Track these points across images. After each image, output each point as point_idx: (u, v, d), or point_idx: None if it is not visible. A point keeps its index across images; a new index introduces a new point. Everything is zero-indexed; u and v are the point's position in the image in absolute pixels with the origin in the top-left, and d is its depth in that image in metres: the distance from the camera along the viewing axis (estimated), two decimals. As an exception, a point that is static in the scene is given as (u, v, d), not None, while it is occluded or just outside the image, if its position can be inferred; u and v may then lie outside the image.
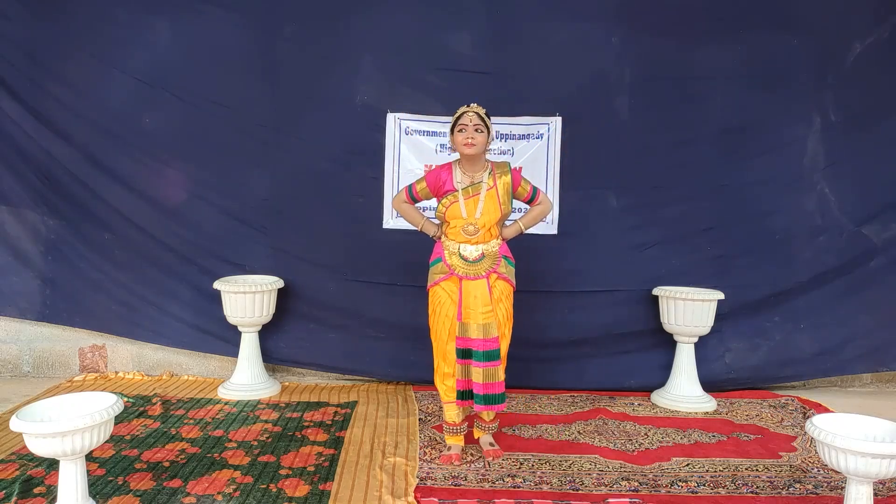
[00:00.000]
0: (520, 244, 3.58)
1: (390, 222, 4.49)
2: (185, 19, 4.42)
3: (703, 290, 4.29)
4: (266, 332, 4.49)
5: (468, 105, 3.26)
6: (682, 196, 4.51)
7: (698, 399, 4.23)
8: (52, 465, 3.06)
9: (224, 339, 4.55)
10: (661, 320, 4.37)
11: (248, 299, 4.21)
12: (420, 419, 3.92)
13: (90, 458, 3.18)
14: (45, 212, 4.53)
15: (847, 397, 4.58)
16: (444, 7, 4.43)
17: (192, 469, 3.18)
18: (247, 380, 4.33)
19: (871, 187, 4.52)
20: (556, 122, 4.45)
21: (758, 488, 3.12)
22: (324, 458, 3.34)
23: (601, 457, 3.42)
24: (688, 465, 3.36)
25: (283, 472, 3.18)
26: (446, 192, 3.32)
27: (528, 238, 3.63)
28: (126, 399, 4.07)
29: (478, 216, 3.27)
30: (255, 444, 3.51)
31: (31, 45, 4.43)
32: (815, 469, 3.33)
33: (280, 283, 4.41)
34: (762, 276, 4.54)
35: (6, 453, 3.32)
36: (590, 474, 3.22)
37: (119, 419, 3.66)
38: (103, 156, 4.48)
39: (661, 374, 4.45)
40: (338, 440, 3.58)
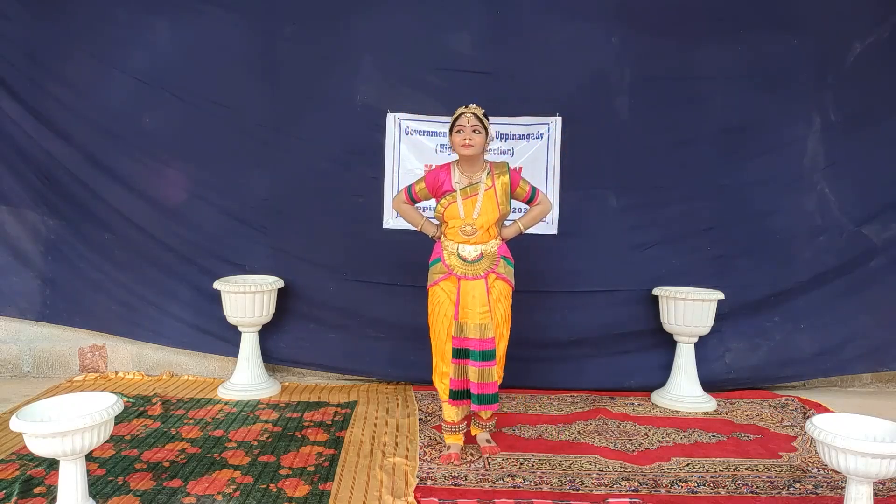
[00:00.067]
0: (520, 244, 3.58)
1: (390, 222, 4.49)
2: (185, 19, 4.43)
3: (703, 290, 4.29)
4: (266, 332, 4.49)
5: (466, 106, 3.27)
6: (682, 196, 4.51)
7: (698, 399, 4.23)
8: (52, 465, 3.06)
9: (224, 339, 4.55)
10: (661, 320, 4.37)
11: (248, 299, 4.21)
12: (420, 419, 3.92)
13: (90, 458, 3.17)
14: (45, 212, 4.54)
15: (847, 397, 4.58)
16: (444, 7, 4.43)
17: (192, 469, 3.18)
18: (247, 380, 4.33)
19: (871, 187, 4.53)
20: (556, 122, 4.45)
21: (758, 488, 3.12)
22: (324, 458, 3.34)
23: (601, 457, 3.42)
24: (688, 465, 3.36)
25: (283, 472, 3.18)
26: (445, 192, 3.32)
27: (527, 238, 3.63)
28: (126, 399, 4.08)
29: (475, 216, 3.27)
30: (255, 444, 3.51)
31: (31, 45, 4.43)
32: (815, 469, 3.33)
33: (280, 283, 4.42)
34: (762, 276, 4.54)
35: (6, 453, 3.32)
36: (590, 474, 3.22)
37: (119, 419, 3.66)
38: (103, 156, 4.48)
39: (661, 374, 4.45)
40: (338, 440, 3.58)
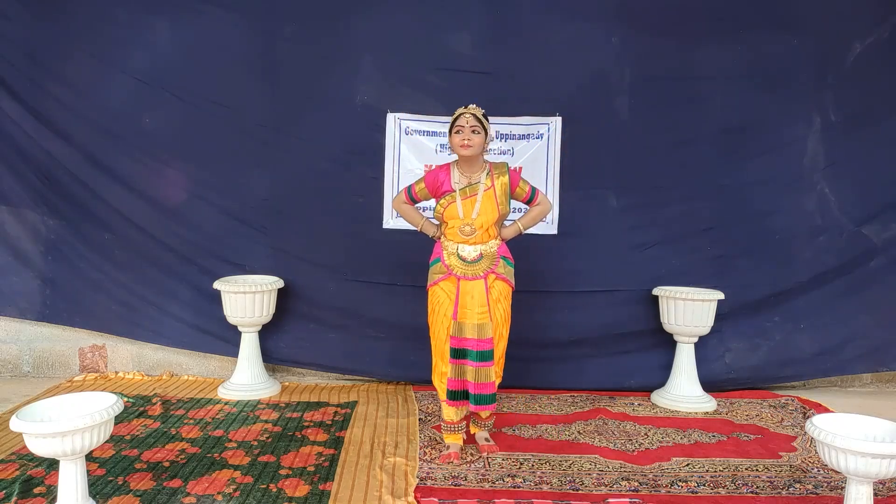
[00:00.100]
0: (519, 244, 3.58)
1: (390, 222, 4.49)
2: (185, 19, 4.43)
3: (703, 290, 4.29)
4: (266, 332, 4.49)
5: (466, 106, 3.27)
6: (682, 196, 4.51)
7: (698, 399, 4.23)
8: (52, 465, 3.06)
9: (224, 339, 4.55)
10: (661, 320, 4.37)
11: (248, 299, 4.21)
12: (420, 419, 3.92)
13: (90, 458, 3.17)
14: (45, 212, 4.53)
15: (847, 397, 4.58)
16: (444, 7, 4.43)
17: (192, 469, 3.18)
18: (247, 380, 4.33)
19: (871, 187, 4.53)
20: (556, 122, 4.45)
21: (758, 488, 3.12)
22: (324, 458, 3.34)
23: (601, 457, 3.42)
24: (688, 465, 3.36)
25: (283, 472, 3.18)
26: (444, 192, 3.33)
27: (527, 238, 3.63)
28: (126, 399, 4.08)
29: (474, 217, 3.27)
30: (255, 444, 3.51)
31: (31, 45, 4.43)
32: (815, 469, 3.33)
33: (280, 283, 4.41)
34: (762, 276, 4.54)
35: (6, 453, 3.32)
36: (590, 474, 3.22)
37: (119, 419, 3.66)
38: (103, 156, 4.48)
39: (661, 374, 4.45)
40: (338, 440, 3.58)
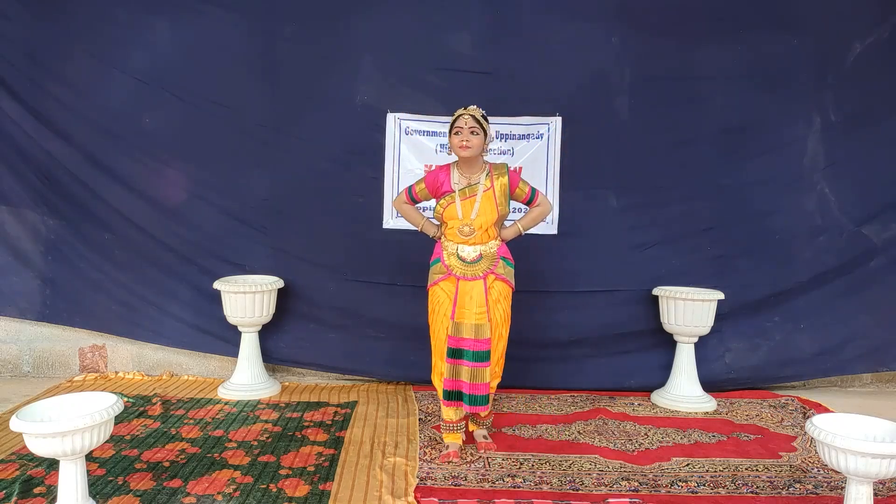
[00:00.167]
0: (519, 244, 3.59)
1: (390, 222, 4.49)
2: (185, 19, 4.43)
3: (703, 290, 4.29)
4: (266, 332, 4.49)
5: (465, 107, 3.28)
6: (682, 196, 4.51)
7: (698, 399, 4.23)
8: (52, 465, 3.06)
9: (224, 339, 4.55)
10: (661, 320, 4.37)
11: (248, 299, 4.21)
12: (420, 419, 3.92)
13: (90, 458, 3.18)
14: (45, 212, 4.53)
15: (847, 397, 4.58)
16: (444, 7, 4.43)
17: (192, 469, 3.18)
18: (247, 380, 4.33)
19: (871, 187, 4.52)
20: (556, 122, 4.45)
21: (758, 488, 3.12)
22: (324, 458, 3.34)
23: (601, 457, 3.42)
24: (688, 465, 3.36)
25: (283, 472, 3.18)
26: (444, 193, 3.34)
27: (528, 238, 3.63)
28: (126, 399, 4.08)
29: (473, 217, 3.28)
30: (255, 444, 3.51)
31: (31, 45, 4.43)
32: (815, 469, 3.33)
33: (280, 283, 4.41)
34: (762, 276, 4.54)
35: (6, 453, 3.32)
36: (590, 474, 3.22)
37: (119, 419, 3.66)
38: (103, 156, 4.48)
39: (661, 374, 4.45)
40: (338, 440, 3.58)
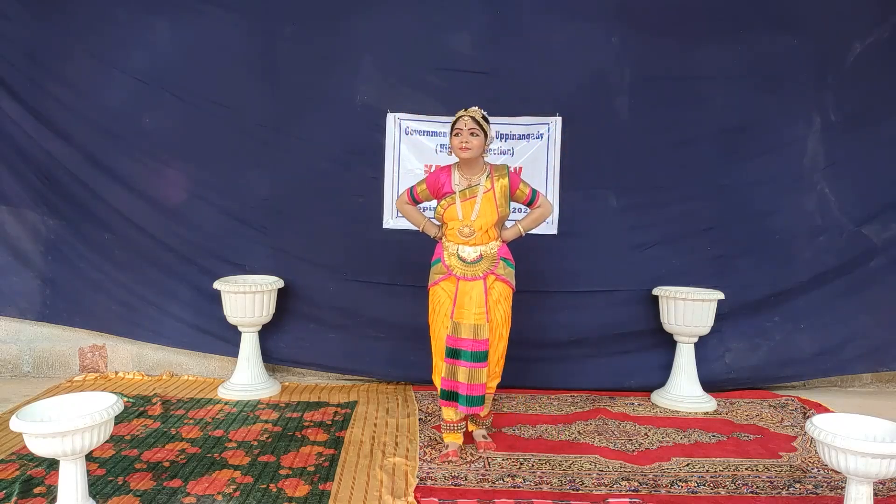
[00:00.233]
0: (520, 244, 3.58)
1: (390, 222, 4.49)
2: (185, 19, 4.43)
3: (703, 290, 4.29)
4: (266, 332, 4.49)
5: (466, 108, 3.28)
6: (682, 196, 4.51)
7: (698, 399, 4.23)
8: (52, 465, 3.06)
9: (224, 339, 4.55)
10: (661, 320, 4.37)
11: (248, 299, 4.21)
12: (420, 419, 3.92)
13: (90, 458, 3.18)
14: (45, 212, 4.53)
15: (847, 397, 4.58)
16: (444, 7, 4.42)
17: (192, 469, 3.18)
18: (247, 380, 4.33)
19: (871, 187, 4.52)
20: (556, 122, 4.45)
21: (758, 488, 3.13)
22: (324, 458, 3.34)
23: (601, 457, 3.42)
24: (688, 465, 3.36)
25: (283, 472, 3.18)
26: (445, 194, 3.35)
27: (528, 238, 3.63)
28: (126, 399, 4.08)
29: (473, 218, 3.29)
30: (255, 444, 3.51)
31: (31, 45, 4.43)
32: (815, 469, 3.33)
33: (280, 283, 4.41)
34: (762, 276, 4.54)
35: (6, 453, 3.32)
36: (590, 474, 3.22)
37: (119, 419, 3.66)
38: (103, 156, 4.48)
39: (661, 374, 4.45)
40: (338, 440, 3.58)
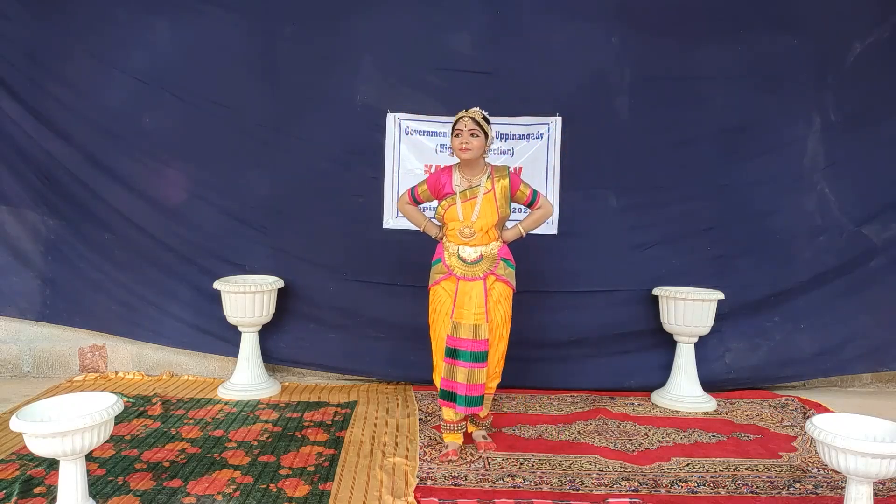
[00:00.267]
0: (520, 245, 3.58)
1: (390, 222, 4.49)
2: (185, 19, 4.43)
3: (703, 290, 4.29)
4: (266, 332, 4.49)
5: (466, 109, 3.28)
6: (682, 196, 4.51)
7: (698, 399, 4.23)
8: (52, 465, 3.06)
9: (224, 339, 4.55)
10: (661, 320, 4.37)
11: (248, 299, 4.21)
12: (420, 419, 3.92)
13: (90, 458, 3.18)
14: (45, 212, 4.53)
15: (847, 397, 4.58)
16: (444, 7, 4.43)
17: (192, 469, 3.18)
18: (247, 380, 4.33)
19: (871, 187, 4.53)
20: (556, 122, 4.45)
21: (758, 488, 3.13)
22: (324, 458, 3.34)
23: (601, 457, 3.42)
24: (688, 465, 3.36)
25: (283, 472, 3.18)
26: (445, 194, 3.35)
27: (528, 238, 3.63)
28: (126, 399, 4.08)
29: (474, 219, 3.29)
30: (255, 444, 3.52)
31: (31, 45, 4.43)
32: (815, 469, 3.33)
33: (280, 283, 4.41)
34: (762, 276, 4.54)
35: (6, 453, 3.32)
36: (590, 474, 3.22)
37: (119, 419, 3.66)
38: (103, 156, 4.48)
39: (661, 374, 4.45)
40: (338, 440, 3.58)
